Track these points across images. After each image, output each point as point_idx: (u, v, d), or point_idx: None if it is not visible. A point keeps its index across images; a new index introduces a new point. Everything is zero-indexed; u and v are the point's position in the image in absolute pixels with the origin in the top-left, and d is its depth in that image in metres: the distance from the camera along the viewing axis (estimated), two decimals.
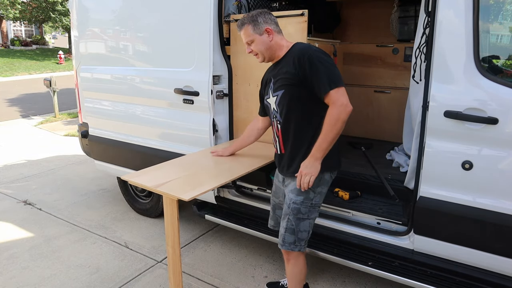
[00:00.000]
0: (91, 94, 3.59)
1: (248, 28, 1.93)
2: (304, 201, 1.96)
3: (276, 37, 1.95)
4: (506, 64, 1.99)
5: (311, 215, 1.99)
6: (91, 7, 3.45)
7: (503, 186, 1.85)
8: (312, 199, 1.96)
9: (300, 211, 1.96)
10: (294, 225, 1.98)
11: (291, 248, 2.01)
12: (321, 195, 1.99)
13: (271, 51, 1.96)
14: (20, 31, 29.40)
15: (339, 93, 1.77)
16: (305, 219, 1.98)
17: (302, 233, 1.99)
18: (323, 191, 2.00)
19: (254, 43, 1.95)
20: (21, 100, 11.11)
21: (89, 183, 4.59)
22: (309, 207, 1.96)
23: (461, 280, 2.09)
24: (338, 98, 1.77)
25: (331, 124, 1.78)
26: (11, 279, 2.72)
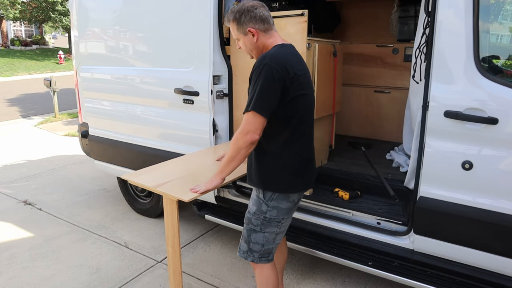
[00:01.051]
0: (91, 94, 3.59)
1: (233, 27, 1.83)
2: (256, 212, 1.86)
3: (262, 37, 1.79)
4: (506, 64, 1.99)
5: (265, 229, 1.85)
6: (91, 7, 3.45)
7: (503, 186, 1.85)
8: (266, 212, 1.83)
9: (251, 221, 1.88)
10: (246, 234, 1.93)
11: (244, 256, 1.95)
12: (278, 210, 1.82)
13: (257, 51, 1.83)
14: (20, 31, 29.41)
15: (248, 118, 1.67)
16: (257, 231, 1.87)
17: (254, 245, 1.89)
18: (281, 207, 1.82)
19: (240, 42, 1.86)
20: (21, 100, 11.11)
21: (89, 183, 4.59)
22: (261, 219, 1.84)
23: (461, 280, 2.09)
24: (244, 124, 1.68)
25: (231, 146, 1.74)
26: (11, 279, 2.72)
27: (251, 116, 1.67)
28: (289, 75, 1.67)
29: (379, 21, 3.91)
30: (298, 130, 1.78)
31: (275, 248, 1.96)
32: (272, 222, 1.85)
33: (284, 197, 1.82)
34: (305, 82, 1.77)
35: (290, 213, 1.90)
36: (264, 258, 1.92)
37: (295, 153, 1.79)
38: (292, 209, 1.90)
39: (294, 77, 1.69)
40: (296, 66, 1.72)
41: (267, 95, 1.65)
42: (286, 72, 1.66)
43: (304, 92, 1.75)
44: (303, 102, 1.77)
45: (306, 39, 2.46)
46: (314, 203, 2.56)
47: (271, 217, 1.84)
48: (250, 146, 1.71)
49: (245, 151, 1.72)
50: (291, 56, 1.75)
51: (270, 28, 1.80)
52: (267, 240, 1.89)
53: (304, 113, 1.79)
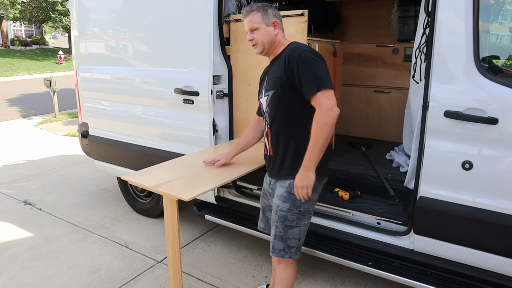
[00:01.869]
0: (91, 94, 3.59)
1: (256, 15, 1.88)
2: (290, 208, 1.89)
3: (280, 34, 1.93)
4: (506, 64, 1.99)
5: (300, 222, 1.92)
6: (91, 7, 3.45)
7: (503, 186, 1.85)
8: (300, 206, 1.89)
9: (287, 218, 1.90)
10: (282, 232, 1.93)
11: (281, 255, 1.97)
12: (309, 201, 1.90)
13: (272, 45, 1.92)
14: (20, 31, 29.41)
15: (326, 95, 1.70)
16: (293, 227, 1.91)
17: (291, 241, 1.93)
18: (313, 198, 1.90)
19: (258, 32, 1.89)
20: (21, 100, 11.11)
21: (89, 183, 4.59)
22: (297, 214, 1.90)
23: (461, 280, 2.09)
24: (324, 102, 1.69)
25: (317, 130, 1.70)
26: (11, 279, 2.72)
27: (327, 92, 1.71)
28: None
29: (379, 21, 3.91)
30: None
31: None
32: (306, 215, 1.93)
33: (316, 188, 1.87)
34: None
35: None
36: (299, 252, 1.99)
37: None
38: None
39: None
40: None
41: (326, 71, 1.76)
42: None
43: None
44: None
45: (306, 39, 2.47)
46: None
47: (305, 210, 1.91)
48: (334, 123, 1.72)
49: (333, 128, 1.73)
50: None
51: (283, 30, 1.98)
52: (302, 233, 1.96)
53: None
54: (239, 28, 2.77)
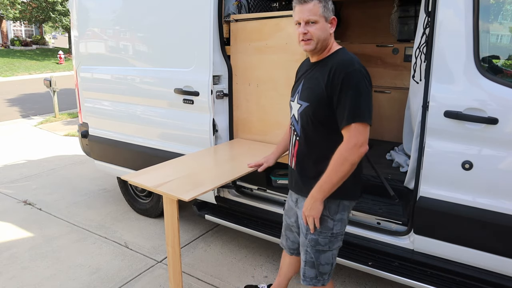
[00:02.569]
0: (91, 94, 3.59)
1: (318, 6, 1.60)
2: (322, 231, 1.71)
3: (332, 33, 1.69)
4: (506, 64, 1.99)
5: (332, 246, 1.74)
6: (91, 7, 3.45)
7: (503, 186, 1.85)
8: (332, 228, 1.71)
9: (319, 242, 1.73)
10: (313, 258, 1.76)
11: (313, 283, 1.80)
12: (342, 222, 1.73)
13: (325, 43, 1.67)
14: (20, 31, 29.40)
15: (359, 129, 1.54)
16: (326, 251, 1.74)
17: (324, 267, 1.76)
18: (344, 218, 1.73)
19: (316, 26, 1.62)
20: (21, 100, 11.11)
21: (89, 183, 4.59)
22: (329, 237, 1.72)
23: (461, 280, 2.09)
24: (355, 136, 1.54)
25: (337, 164, 1.56)
26: (11, 279, 2.72)
27: (362, 126, 1.55)
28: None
29: (379, 21, 3.91)
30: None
31: None
32: (338, 237, 1.76)
33: (348, 207, 1.74)
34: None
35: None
36: (331, 276, 1.84)
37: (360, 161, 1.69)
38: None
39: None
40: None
41: (370, 102, 1.58)
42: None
43: None
44: None
45: None
46: None
47: (337, 232, 1.73)
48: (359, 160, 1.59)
49: (354, 166, 1.58)
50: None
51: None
52: (334, 256, 1.79)
53: None
54: (239, 28, 2.77)
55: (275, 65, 2.63)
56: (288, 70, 2.56)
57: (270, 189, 2.78)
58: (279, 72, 2.61)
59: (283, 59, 2.58)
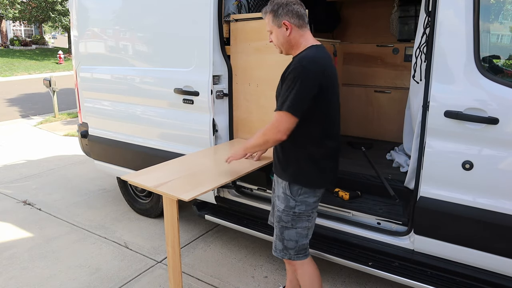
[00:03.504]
0: (91, 94, 3.58)
1: (269, 18, 1.83)
2: (284, 209, 1.90)
3: (295, 33, 1.81)
4: (506, 64, 1.98)
5: (296, 224, 1.90)
6: (90, 7, 3.44)
7: (503, 186, 1.85)
8: (294, 208, 1.88)
9: (282, 219, 1.92)
10: (279, 232, 1.96)
11: (281, 255, 1.98)
12: (305, 204, 1.88)
13: (287, 46, 1.85)
14: (19, 31, 29.40)
15: (282, 117, 1.72)
16: (289, 228, 1.91)
17: (288, 242, 1.93)
18: (307, 200, 1.88)
19: (272, 35, 1.87)
20: (20, 100, 11.10)
21: (89, 183, 4.59)
22: (291, 215, 1.89)
23: (461, 280, 2.09)
24: (277, 121, 1.74)
25: (260, 134, 1.86)
26: (11, 279, 2.72)
27: (285, 116, 1.71)
28: (324, 77, 1.73)
29: (379, 21, 3.91)
30: (328, 127, 1.85)
31: (308, 244, 2.00)
32: (302, 217, 1.90)
33: (311, 192, 1.87)
34: (336, 82, 1.84)
35: (317, 205, 1.95)
36: (301, 255, 1.97)
37: (324, 149, 1.85)
38: (318, 203, 1.97)
39: (329, 79, 1.76)
40: (331, 68, 1.80)
41: (303, 97, 1.70)
42: (323, 75, 1.73)
43: (335, 92, 1.83)
44: (334, 101, 1.84)
45: None
46: None
47: (300, 212, 1.89)
48: (277, 142, 1.82)
49: (271, 144, 1.87)
50: (327, 58, 1.81)
51: (304, 26, 1.84)
52: (300, 235, 1.93)
53: (334, 111, 1.86)
54: (239, 28, 2.77)
55: (275, 65, 2.62)
56: None
57: (270, 189, 2.78)
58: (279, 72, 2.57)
59: (283, 59, 2.57)
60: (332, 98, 1.81)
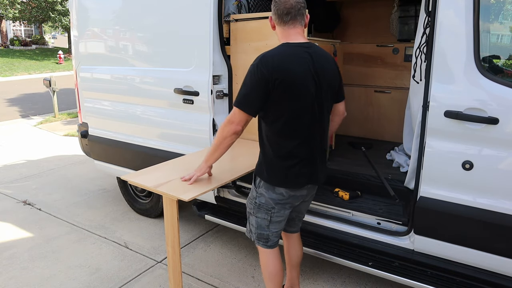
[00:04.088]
0: (91, 94, 3.58)
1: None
2: (250, 196, 2.02)
3: (278, 29, 1.85)
4: (506, 64, 1.98)
5: (256, 213, 1.98)
6: (90, 7, 3.44)
7: (503, 186, 1.85)
8: (255, 198, 1.96)
9: (247, 205, 2.04)
10: (247, 215, 2.07)
11: (248, 235, 2.09)
12: (265, 198, 1.91)
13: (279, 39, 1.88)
14: (19, 31, 29.39)
15: (234, 111, 1.80)
16: (251, 214, 2.02)
17: (251, 226, 2.04)
18: (266, 196, 1.90)
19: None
20: (20, 100, 11.10)
21: (89, 183, 4.59)
22: (253, 204, 1.98)
23: (461, 280, 2.09)
24: (230, 114, 1.82)
25: (216, 135, 1.90)
26: (11, 279, 2.72)
27: (236, 109, 1.80)
28: (273, 76, 1.68)
29: (379, 21, 3.91)
30: (287, 130, 1.80)
31: (274, 237, 2.01)
32: (262, 209, 1.95)
33: (269, 187, 1.90)
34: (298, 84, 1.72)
35: (281, 204, 1.91)
36: (261, 242, 2.02)
37: (280, 150, 1.83)
38: (284, 202, 1.91)
39: (283, 79, 1.69)
40: (290, 67, 1.71)
41: (250, 93, 1.76)
42: (272, 73, 1.69)
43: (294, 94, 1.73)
44: (292, 104, 1.75)
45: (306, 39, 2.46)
46: (314, 203, 2.56)
47: (260, 203, 1.95)
48: (233, 135, 1.84)
49: (228, 140, 1.86)
50: (288, 56, 1.74)
51: (284, 23, 1.80)
52: (260, 225, 1.99)
53: (294, 114, 1.77)
54: (239, 28, 2.77)
55: None
56: None
57: None
58: None
59: None
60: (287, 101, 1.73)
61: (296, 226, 2.20)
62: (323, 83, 1.80)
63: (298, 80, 1.73)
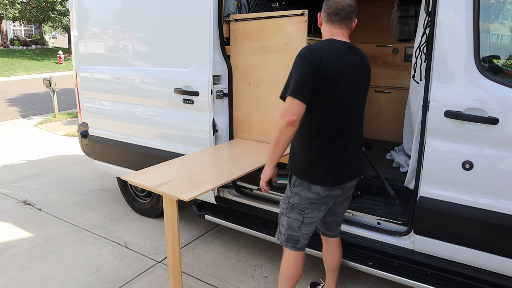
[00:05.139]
0: (91, 94, 3.58)
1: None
2: (284, 197, 2.01)
3: (324, 26, 1.88)
4: (506, 64, 1.98)
5: (289, 213, 1.95)
6: (90, 7, 3.44)
7: (503, 186, 1.85)
8: (290, 198, 1.94)
9: (281, 204, 2.02)
10: (279, 216, 2.05)
11: (277, 238, 2.06)
12: (299, 197, 1.89)
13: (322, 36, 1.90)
14: (19, 31, 29.39)
15: (286, 102, 1.74)
16: (283, 214, 1.99)
17: (282, 227, 2.00)
18: (302, 194, 1.88)
19: None
20: (20, 100, 11.10)
21: (89, 183, 4.59)
22: (286, 204, 1.96)
23: (461, 280, 2.09)
24: (285, 106, 1.75)
25: (274, 132, 1.80)
26: (11, 279, 2.72)
27: (288, 99, 1.73)
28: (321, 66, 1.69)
29: (379, 21, 3.90)
30: (326, 125, 1.79)
31: (304, 239, 1.98)
32: (295, 209, 1.92)
33: (305, 186, 1.87)
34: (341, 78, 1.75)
35: (316, 205, 1.90)
36: (290, 244, 1.99)
37: (318, 147, 1.81)
38: (319, 202, 1.89)
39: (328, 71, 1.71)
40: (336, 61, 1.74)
41: (300, 80, 1.70)
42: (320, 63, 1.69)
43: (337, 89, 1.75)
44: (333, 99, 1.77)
45: (306, 39, 2.46)
46: None
47: (294, 203, 1.92)
48: (289, 128, 1.72)
49: (285, 133, 1.74)
50: (334, 50, 1.77)
51: (331, 23, 1.84)
52: (291, 226, 1.96)
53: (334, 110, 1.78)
54: (239, 28, 2.77)
55: (275, 65, 2.63)
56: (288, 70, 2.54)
57: (270, 189, 2.78)
58: (279, 72, 2.61)
59: (283, 59, 2.58)
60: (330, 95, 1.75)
61: (336, 230, 2.19)
62: (360, 83, 1.85)
63: (341, 75, 1.76)
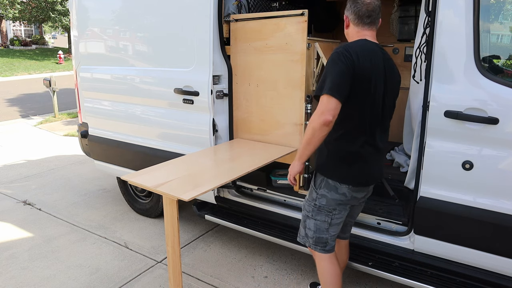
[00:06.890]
0: (91, 94, 3.58)
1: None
2: (308, 199, 2.00)
3: (351, 28, 1.88)
4: (506, 64, 1.98)
5: (315, 216, 1.95)
6: (90, 7, 3.44)
7: (503, 186, 1.85)
8: (315, 200, 1.94)
9: (305, 207, 2.01)
10: (302, 220, 2.04)
11: (303, 241, 2.05)
12: (326, 199, 1.90)
13: (346, 37, 1.92)
14: (19, 31, 29.39)
15: (322, 100, 1.70)
16: (309, 217, 1.98)
17: (309, 231, 2.00)
18: (328, 196, 1.89)
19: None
20: (20, 100, 11.10)
21: (89, 183, 4.59)
22: (312, 206, 1.96)
23: (461, 280, 2.09)
24: (319, 104, 1.71)
25: (307, 129, 1.76)
26: (11, 279, 2.72)
27: (325, 98, 1.69)
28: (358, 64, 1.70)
29: None
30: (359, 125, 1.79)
31: (331, 240, 1.99)
32: (322, 211, 1.93)
33: (332, 187, 1.87)
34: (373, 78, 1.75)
35: (342, 205, 1.91)
36: (319, 247, 1.99)
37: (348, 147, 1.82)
38: (345, 203, 1.91)
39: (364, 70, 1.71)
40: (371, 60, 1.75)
41: (338, 78, 1.68)
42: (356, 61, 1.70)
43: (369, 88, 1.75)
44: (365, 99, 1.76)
45: (306, 39, 2.46)
46: None
47: (320, 205, 1.92)
48: (324, 128, 1.70)
49: (319, 133, 1.71)
50: (368, 50, 1.77)
51: (362, 25, 1.86)
52: (319, 228, 1.96)
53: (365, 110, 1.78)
54: (239, 28, 2.77)
55: (275, 65, 2.63)
56: (288, 70, 2.56)
57: (270, 189, 2.78)
58: (279, 72, 2.61)
59: (283, 59, 2.58)
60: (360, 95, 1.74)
61: (348, 232, 2.21)
62: (389, 84, 1.85)
63: (374, 75, 1.77)
